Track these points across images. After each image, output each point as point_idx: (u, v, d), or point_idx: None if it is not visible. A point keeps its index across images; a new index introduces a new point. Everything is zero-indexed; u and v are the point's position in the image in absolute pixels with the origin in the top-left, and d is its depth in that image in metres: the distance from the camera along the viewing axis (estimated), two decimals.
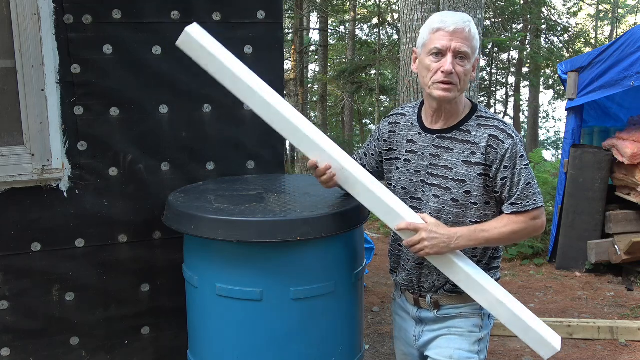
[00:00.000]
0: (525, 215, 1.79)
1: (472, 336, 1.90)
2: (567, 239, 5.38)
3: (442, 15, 1.81)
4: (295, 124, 1.84)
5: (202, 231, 1.84)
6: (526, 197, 1.78)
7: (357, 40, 17.51)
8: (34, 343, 2.25)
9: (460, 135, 1.83)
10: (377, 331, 4.04)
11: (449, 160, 1.83)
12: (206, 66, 1.87)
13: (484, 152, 1.78)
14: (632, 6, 19.65)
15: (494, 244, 1.85)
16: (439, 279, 1.89)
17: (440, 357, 1.89)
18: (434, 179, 1.85)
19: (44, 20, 2.09)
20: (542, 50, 15.59)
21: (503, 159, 1.77)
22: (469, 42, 1.76)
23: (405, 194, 1.91)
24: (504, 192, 1.79)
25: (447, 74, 1.75)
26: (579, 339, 3.90)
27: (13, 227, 2.17)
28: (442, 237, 1.75)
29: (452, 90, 1.77)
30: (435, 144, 1.86)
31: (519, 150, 1.78)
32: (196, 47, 1.85)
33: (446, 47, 1.75)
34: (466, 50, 1.76)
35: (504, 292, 1.84)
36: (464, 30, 1.75)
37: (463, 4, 5.52)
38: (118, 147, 2.27)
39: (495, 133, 1.79)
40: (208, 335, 1.97)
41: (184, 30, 1.84)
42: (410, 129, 1.94)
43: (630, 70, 4.84)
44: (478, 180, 1.80)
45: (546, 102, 22.29)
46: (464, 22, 1.76)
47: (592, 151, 5.39)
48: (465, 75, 1.78)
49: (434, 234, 1.74)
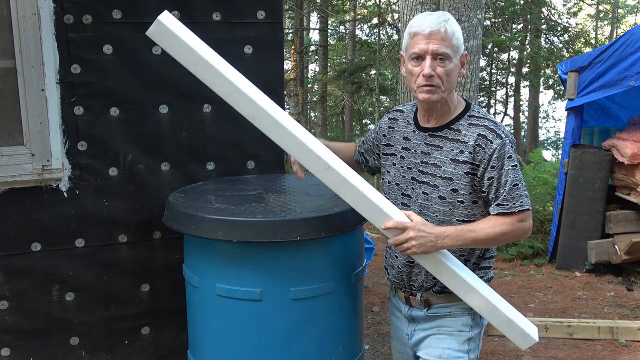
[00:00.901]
0: (512, 217, 1.78)
1: (462, 335, 1.90)
2: (567, 239, 5.38)
3: (419, 18, 1.80)
4: (279, 121, 1.78)
5: (202, 231, 1.84)
6: (512, 199, 1.77)
7: (357, 40, 17.51)
8: (34, 343, 2.25)
9: (450, 133, 1.84)
10: (377, 331, 4.04)
11: (438, 158, 1.84)
12: (181, 58, 1.76)
13: (472, 151, 1.78)
14: (632, 6, 19.65)
15: (480, 245, 1.84)
16: (428, 280, 1.89)
17: (430, 357, 1.90)
18: (423, 176, 1.86)
19: (44, 20, 2.09)
20: (542, 50, 15.59)
21: (490, 158, 1.77)
22: (446, 42, 1.75)
23: (398, 190, 1.94)
24: (491, 193, 1.79)
25: (428, 77, 1.76)
26: (579, 339, 3.90)
27: (13, 227, 2.17)
28: (429, 237, 1.73)
29: (436, 92, 1.78)
30: (426, 142, 1.88)
31: (508, 150, 1.78)
32: (170, 38, 1.73)
33: (424, 51, 1.75)
34: (444, 51, 1.75)
35: (487, 289, 1.83)
36: (439, 31, 1.74)
37: (463, 4, 5.53)
38: (118, 147, 2.27)
39: (484, 132, 1.79)
40: (208, 335, 1.97)
41: (157, 18, 1.72)
42: (407, 126, 1.96)
43: (630, 70, 4.84)
44: (465, 179, 1.80)
45: (546, 102, 22.30)
46: (439, 23, 1.75)
47: (592, 151, 5.39)
48: (447, 75, 1.77)
49: (421, 233, 1.72)
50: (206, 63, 1.75)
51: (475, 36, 5.61)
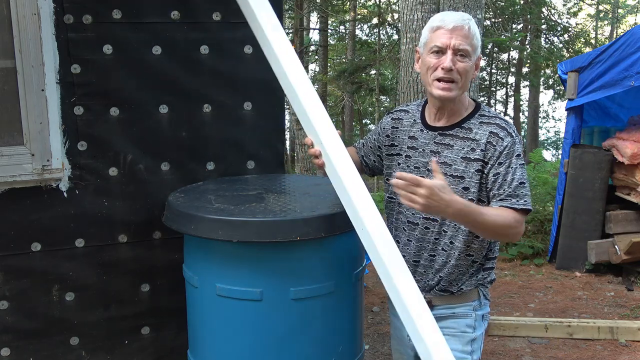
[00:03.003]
0: (515, 213, 1.75)
1: (465, 336, 1.90)
2: (567, 239, 5.38)
3: (443, 14, 1.84)
4: (296, 91, 1.83)
5: (202, 231, 1.84)
6: (517, 196, 1.76)
7: (357, 40, 17.50)
8: (34, 343, 2.25)
9: (461, 132, 1.85)
10: (377, 331, 4.04)
11: (449, 156, 1.84)
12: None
13: (484, 149, 1.79)
14: (632, 6, 19.64)
15: (480, 230, 1.77)
16: (433, 279, 1.89)
17: None
18: (433, 176, 1.85)
19: (44, 20, 2.09)
20: (542, 50, 15.59)
21: (500, 155, 1.78)
22: (468, 39, 1.78)
23: None
24: (494, 189, 1.78)
25: (447, 71, 1.77)
26: (579, 339, 3.90)
27: (13, 227, 2.17)
28: (441, 204, 1.63)
29: (453, 88, 1.79)
30: (436, 141, 1.88)
31: (517, 149, 1.79)
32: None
33: (446, 45, 1.78)
34: (465, 47, 1.78)
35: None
36: (463, 27, 1.78)
37: (463, 4, 5.53)
38: (118, 147, 2.27)
39: (495, 130, 1.80)
40: (208, 335, 1.97)
41: None
42: (413, 125, 1.96)
43: (630, 70, 4.84)
44: (475, 177, 1.80)
45: (546, 102, 22.30)
46: (464, 20, 1.79)
47: (592, 151, 5.39)
48: (466, 72, 1.79)
49: (434, 197, 1.62)
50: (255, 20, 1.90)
51: None
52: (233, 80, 2.36)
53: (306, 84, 1.90)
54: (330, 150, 1.80)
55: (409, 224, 1.95)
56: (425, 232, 1.91)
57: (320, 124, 1.84)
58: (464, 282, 1.90)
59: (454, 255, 1.87)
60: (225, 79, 2.36)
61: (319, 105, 1.88)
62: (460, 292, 1.91)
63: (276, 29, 1.96)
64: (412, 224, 1.94)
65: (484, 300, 1.95)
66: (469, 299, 1.93)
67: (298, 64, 1.93)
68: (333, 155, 1.79)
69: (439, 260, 1.90)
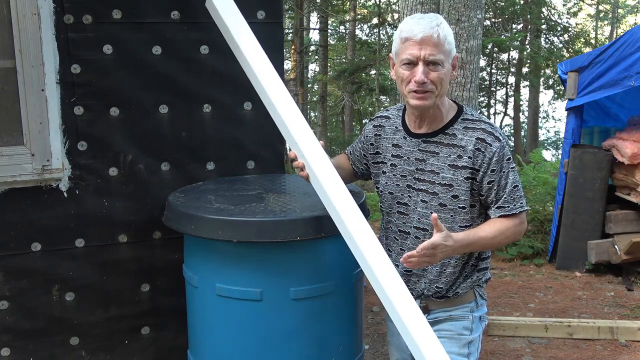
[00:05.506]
0: (514, 218, 1.79)
1: (462, 339, 1.89)
2: (567, 239, 5.37)
3: (411, 22, 1.74)
4: (276, 107, 1.89)
5: (202, 231, 1.84)
6: (513, 200, 1.78)
7: (357, 40, 17.51)
8: (34, 343, 2.25)
9: (445, 139, 1.81)
10: (377, 331, 4.04)
11: (435, 164, 1.81)
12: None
13: (472, 156, 1.76)
14: (632, 6, 19.64)
15: (487, 248, 1.87)
16: (428, 287, 1.88)
17: None
18: (420, 184, 1.84)
19: (44, 20, 2.09)
20: (542, 50, 15.59)
21: (490, 162, 1.76)
22: (438, 47, 1.71)
23: (392, 198, 1.91)
24: (490, 196, 1.78)
25: (420, 84, 1.72)
26: (579, 339, 3.89)
27: (13, 227, 2.17)
28: (448, 250, 1.71)
29: (429, 97, 1.74)
30: (420, 149, 1.85)
31: (506, 153, 1.77)
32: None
33: (416, 57, 1.71)
34: (437, 57, 1.71)
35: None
36: (432, 36, 1.70)
37: (463, 3, 5.52)
38: (118, 147, 2.27)
39: (482, 136, 1.77)
40: (208, 335, 1.97)
41: None
42: (395, 132, 1.92)
43: (630, 70, 4.84)
44: (465, 184, 1.78)
45: (546, 102, 22.29)
46: (432, 28, 1.70)
47: (592, 151, 5.39)
48: (440, 80, 1.74)
49: (443, 248, 1.69)
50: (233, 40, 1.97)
51: (475, 36, 5.61)
52: (233, 80, 2.36)
53: (286, 99, 1.92)
54: (313, 163, 1.82)
55: (400, 233, 1.92)
56: (416, 241, 1.87)
57: (301, 137, 1.85)
58: (459, 285, 1.88)
59: (451, 263, 1.86)
60: (225, 79, 2.36)
61: (300, 118, 1.90)
62: (456, 295, 1.89)
63: (256, 50, 2.04)
64: (403, 233, 1.92)
65: (480, 301, 1.94)
66: (466, 300, 1.91)
67: (276, 77, 1.97)
68: (316, 168, 1.81)
69: (433, 270, 1.88)
